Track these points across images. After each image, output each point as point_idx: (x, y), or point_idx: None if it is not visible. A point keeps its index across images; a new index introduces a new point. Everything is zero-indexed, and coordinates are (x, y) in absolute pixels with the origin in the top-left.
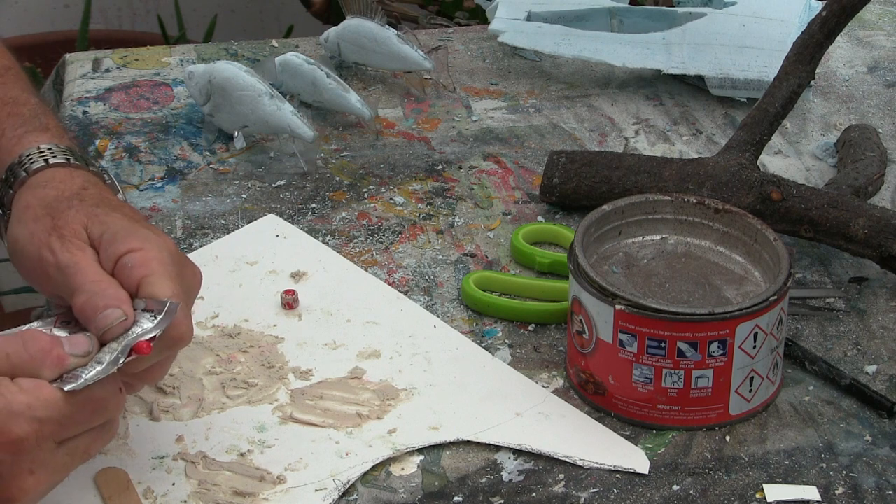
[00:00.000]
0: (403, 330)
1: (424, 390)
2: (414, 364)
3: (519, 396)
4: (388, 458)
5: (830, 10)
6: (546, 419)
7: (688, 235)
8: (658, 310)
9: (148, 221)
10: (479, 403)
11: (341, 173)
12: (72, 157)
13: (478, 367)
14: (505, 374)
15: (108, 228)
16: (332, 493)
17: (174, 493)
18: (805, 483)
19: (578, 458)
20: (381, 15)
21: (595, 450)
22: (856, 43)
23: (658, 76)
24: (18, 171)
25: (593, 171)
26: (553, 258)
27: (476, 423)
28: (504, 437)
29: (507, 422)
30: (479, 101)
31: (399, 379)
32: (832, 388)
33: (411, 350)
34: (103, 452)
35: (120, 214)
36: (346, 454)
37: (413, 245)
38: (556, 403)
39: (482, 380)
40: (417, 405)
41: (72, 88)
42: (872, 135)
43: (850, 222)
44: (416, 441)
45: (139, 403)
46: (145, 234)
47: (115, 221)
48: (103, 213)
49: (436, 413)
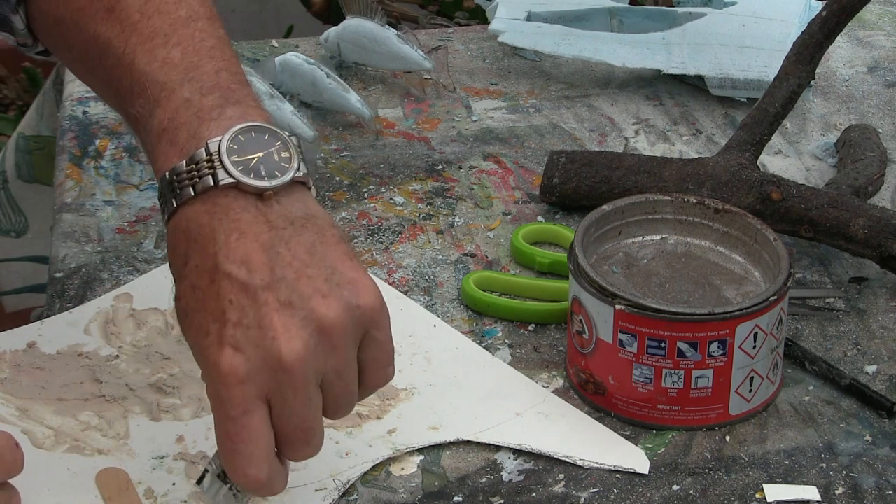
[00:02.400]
0: (403, 329)
1: (424, 390)
2: (414, 364)
3: (519, 396)
4: (388, 458)
5: (830, 10)
6: (546, 419)
7: (688, 235)
8: (658, 310)
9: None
10: (478, 403)
11: (341, 173)
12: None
13: (478, 367)
14: (505, 373)
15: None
16: (331, 493)
17: (174, 494)
18: (805, 483)
19: (578, 458)
20: (381, 15)
21: (595, 450)
22: (856, 43)
23: (658, 76)
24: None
25: (593, 171)
26: (553, 258)
27: (476, 422)
28: (504, 437)
29: (506, 422)
30: (479, 101)
31: (399, 379)
32: (832, 388)
33: (411, 350)
34: (104, 453)
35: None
36: (345, 454)
37: (413, 245)
38: (556, 403)
39: (482, 379)
40: (417, 405)
41: (72, 88)
42: (872, 135)
43: (850, 222)
44: (416, 441)
45: (140, 403)
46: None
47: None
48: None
49: (436, 413)
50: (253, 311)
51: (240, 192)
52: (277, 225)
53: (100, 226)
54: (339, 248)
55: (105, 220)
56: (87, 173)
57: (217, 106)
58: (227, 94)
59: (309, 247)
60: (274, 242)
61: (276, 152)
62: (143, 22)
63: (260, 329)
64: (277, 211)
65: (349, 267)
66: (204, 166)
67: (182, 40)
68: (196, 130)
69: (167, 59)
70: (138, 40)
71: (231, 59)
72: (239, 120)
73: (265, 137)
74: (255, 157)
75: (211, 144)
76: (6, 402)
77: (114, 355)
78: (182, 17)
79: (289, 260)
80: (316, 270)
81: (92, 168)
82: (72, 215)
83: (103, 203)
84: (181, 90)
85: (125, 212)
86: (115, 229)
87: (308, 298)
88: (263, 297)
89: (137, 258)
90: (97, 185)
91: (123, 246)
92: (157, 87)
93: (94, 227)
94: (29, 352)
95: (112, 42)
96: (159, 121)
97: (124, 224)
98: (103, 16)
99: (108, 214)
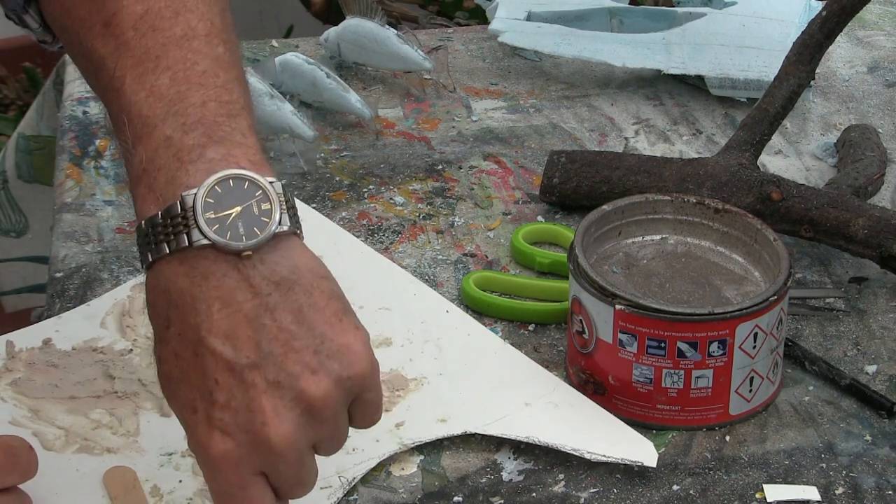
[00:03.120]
0: (416, 316)
1: (434, 379)
2: (425, 352)
3: (529, 385)
4: (394, 453)
5: (830, 10)
6: (555, 409)
7: (688, 235)
8: (658, 310)
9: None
10: (488, 393)
11: (341, 173)
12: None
13: (489, 354)
14: (516, 360)
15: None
16: (337, 492)
17: (180, 491)
18: (805, 483)
19: (586, 451)
20: (381, 15)
21: (603, 442)
22: (856, 43)
23: (658, 76)
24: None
25: (593, 171)
26: (553, 258)
27: (485, 414)
28: (512, 429)
29: (515, 412)
30: (479, 101)
31: (409, 368)
32: (832, 388)
33: (423, 337)
34: (113, 451)
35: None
36: (352, 450)
37: (413, 245)
38: (566, 392)
39: (493, 367)
40: (426, 395)
41: (72, 88)
42: (872, 135)
43: (850, 222)
44: (423, 435)
45: (151, 399)
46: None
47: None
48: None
49: (445, 404)
50: (241, 393)
51: (218, 254)
52: (261, 291)
53: (100, 226)
54: (329, 308)
55: (105, 220)
56: (87, 173)
57: (198, 146)
58: (210, 131)
59: (296, 313)
60: (258, 313)
61: (255, 205)
62: (136, 40)
63: (249, 413)
64: (260, 273)
65: (339, 331)
66: (179, 223)
67: (172, 64)
68: (174, 176)
69: (154, 87)
70: (129, 62)
71: (223, 86)
72: (221, 163)
73: (244, 187)
74: (232, 212)
75: (186, 198)
76: (19, 403)
77: (128, 349)
78: (176, 35)
79: (275, 332)
80: (304, 342)
81: (92, 168)
82: (72, 215)
83: (103, 203)
84: (163, 126)
85: (125, 212)
86: (115, 229)
87: (297, 377)
88: (251, 378)
89: (137, 258)
90: (97, 185)
91: (123, 246)
92: (140, 121)
93: (94, 227)
94: (44, 349)
95: (105, 61)
96: (139, 160)
97: (124, 224)
98: (100, 30)
99: (108, 214)
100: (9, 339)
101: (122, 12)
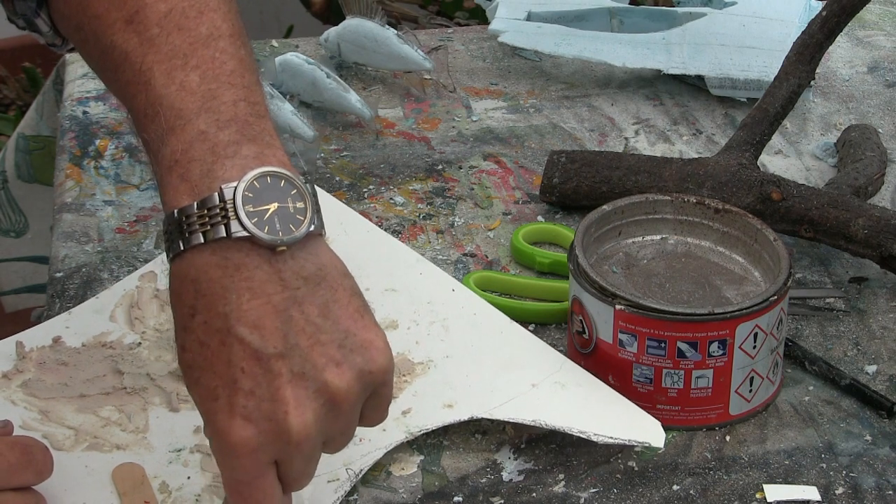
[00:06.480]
0: (422, 296)
1: (441, 362)
2: (431, 333)
3: (536, 364)
4: (401, 442)
5: (830, 10)
6: (562, 389)
7: (688, 235)
8: (658, 310)
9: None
10: (495, 375)
11: (341, 173)
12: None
13: (496, 333)
14: (522, 339)
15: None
16: (344, 485)
17: (189, 488)
18: (805, 483)
19: (593, 433)
20: (381, 15)
21: (609, 423)
22: (856, 43)
23: (658, 76)
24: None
25: (593, 171)
26: (553, 258)
27: (491, 397)
28: (519, 412)
29: (521, 395)
30: (479, 101)
31: (416, 351)
32: (832, 388)
33: (429, 318)
34: (122, 448)
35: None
36: (359, 440)
37: (413, 245)
38: (572, 370)
39: (500, 347)
40: (433, 380)
41: (72, 88)
42: (872, 135)
43: (850, 222)
44: (430, 422)
45: (160, 394)
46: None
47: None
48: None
49: (451, 388)
50: (266, 381)
51: (252, 246)
52: (290, 284)
53: (100, 226)
54: (352, 304)
55: (105, 220)
56: (87, 173)
57: (233, 142)
58: (244, 129)
59: (322, 308)
60: (287, 305)
61: (291, 203)
62: (163, 38)
63: (272, 402)
64: (290, 268)
65: (362, 327)
66: (217, 214)
67: (201, 62)
68: (210, 169)
69: (185, 82)
70: (156, 58)
71: (251, 87)
72: (255, 161)
73: (281, 185)
74: (270, 207)
75: (226, 191)
76: (29, 405)
77: (136, 342)
78: (203, 34)
79: (302, 325)
80: (329, 336)
81: (92, 168)
82: (72, 215)
83: (103, 203)
84: (197, 121)
85: (125, 212)
86: (115, 229)
87: (321, 369)
88: (276, 368)
89: (137, 258)
90: (97, 185)
91: (123, 246)
92: (173, 113)
93: (94, 227)
94: (54, 347)
95: (129, 56)
96: (171, 150)
97: (124, 224)
98: (121, 26)
99: (108, 214)
100: (19, 340)
101: (146, 10)
